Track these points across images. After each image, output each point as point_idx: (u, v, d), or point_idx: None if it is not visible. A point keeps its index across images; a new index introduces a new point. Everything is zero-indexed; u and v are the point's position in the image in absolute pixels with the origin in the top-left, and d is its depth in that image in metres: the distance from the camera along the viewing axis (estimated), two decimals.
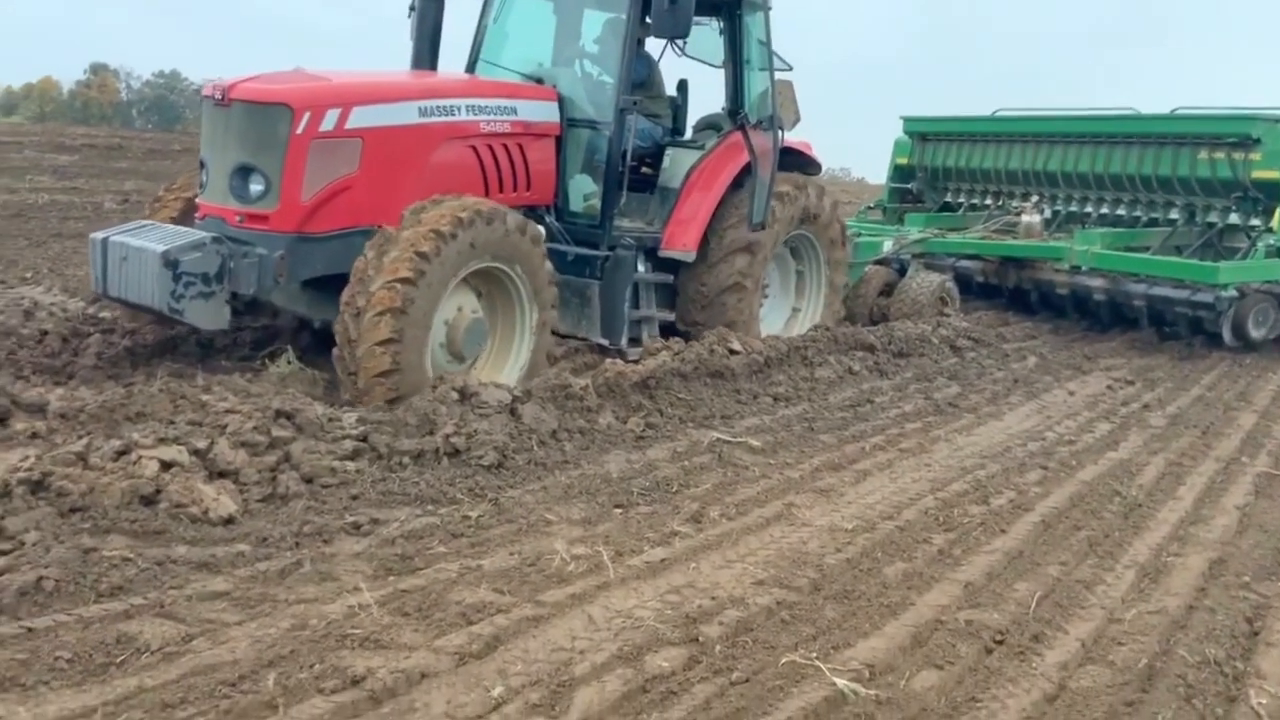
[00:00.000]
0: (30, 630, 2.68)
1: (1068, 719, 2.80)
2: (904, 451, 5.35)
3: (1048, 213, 10.34)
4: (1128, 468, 5.32)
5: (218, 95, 5.31)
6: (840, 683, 2.84)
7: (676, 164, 7.04)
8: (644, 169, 7.15)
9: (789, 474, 4.79)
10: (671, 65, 8.86)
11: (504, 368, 5.56)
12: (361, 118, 5.35)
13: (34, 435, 3.96)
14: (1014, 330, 9.17)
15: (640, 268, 6.63)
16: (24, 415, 4.18)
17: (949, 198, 11.46)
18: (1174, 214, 9.73)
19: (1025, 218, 9.97)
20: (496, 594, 3.19)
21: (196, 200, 5.59)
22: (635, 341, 6.55)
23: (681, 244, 6.76)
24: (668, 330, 6.85)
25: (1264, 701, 2.91)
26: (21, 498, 3.20)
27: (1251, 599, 3.67)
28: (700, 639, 3.03)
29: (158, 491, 3.40)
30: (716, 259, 6.79)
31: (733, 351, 6.38)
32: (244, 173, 5.25)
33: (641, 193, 7.04)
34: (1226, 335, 8.58)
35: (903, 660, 3.05)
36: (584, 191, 6.63)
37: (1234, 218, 9.38)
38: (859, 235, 9.26)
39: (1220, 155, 9.17)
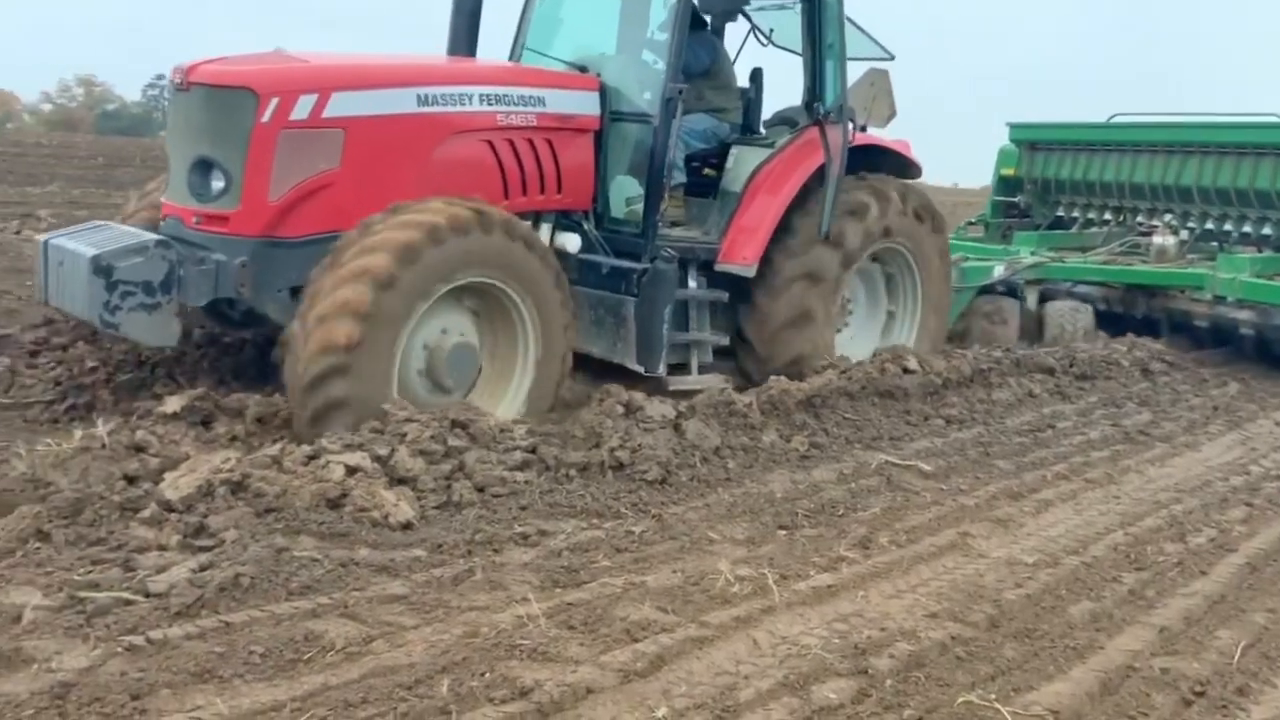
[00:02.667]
0: (228, 624, 2.85)
1: None
2: (1090, 482, 5.04)
3: (1183, 233, 9.19)
4: None
5: (178, 79, 4.75)
6: None
7: (741, 164, 6.12)
8: (706, 171, 6.38)
9: (963, 501, 4.59)
10: (758, 55, 7.38)
11: (501, 400, 4.85)
12: (343, 105, 4.68)
13: (234, 438, 4.24)
14: (1212, 353, 8.52)
15: (692, 283, 5.85)
16: (225, 419, 4.47)
17: (1061, 212, 10.33)
18: None
19: (1158, 239, 8.86)
20: (660, 612, 3.18)
21: (161, 200, 5.02)
22: (682, 368, 5.75)
23: (740, 257, 5.85)
24: (723, 355, 6.08)
25: None
26: (223, 497, 3.43)
27: None
28: (870, 671, 2.93)
29: (343, 495, 3.58)
30: (780, 281, 5.93)
31: (907, 370, 6.16)
32: (204, 167, 4.65)
33: (704, 198, 6.26)
34: None
35: (1091, 708, 2.85)
36: (627, 195, 5.86)
37: None
38: (966, 259, 8.40)
39: None
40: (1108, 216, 10.00)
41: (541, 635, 2.96)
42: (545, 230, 5.62)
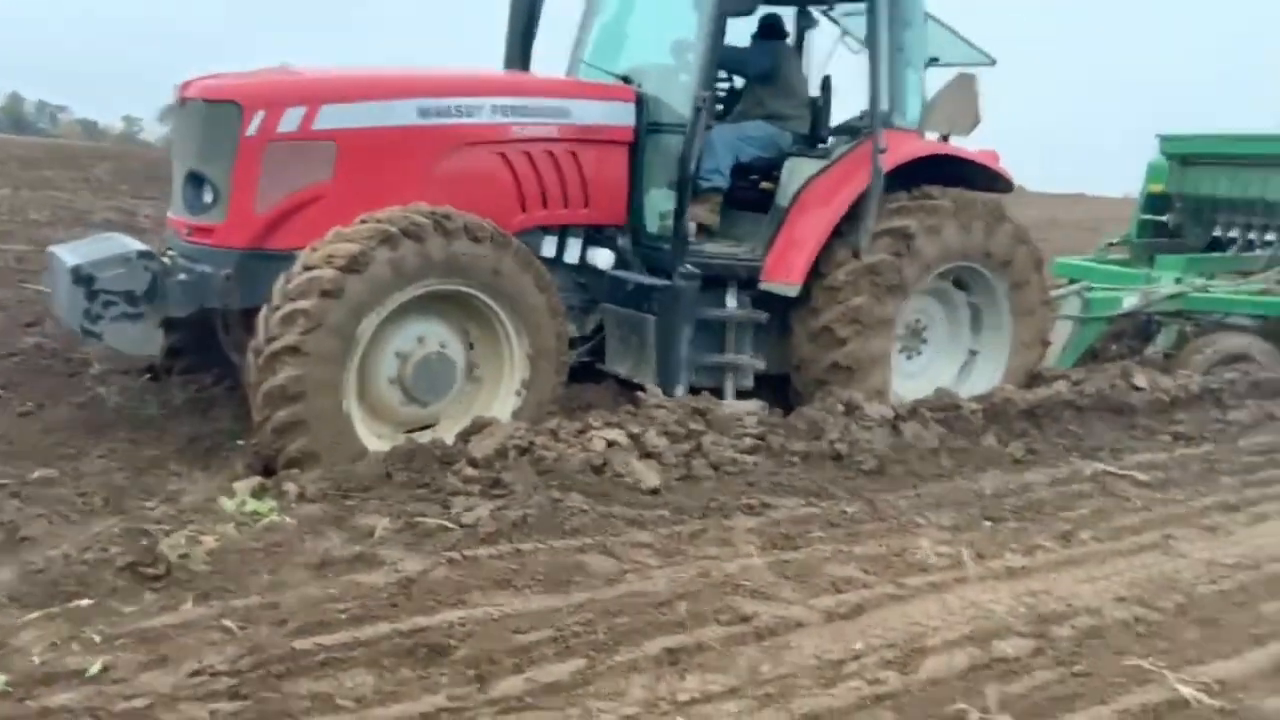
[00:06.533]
0: (519, 551, 3.67)
1: None
2: None
3: None
4: None
5: (177, 95, 5.03)
6: (1185, 690, 3.01)
7: (794, 176, 5.83)
8: (764, 184, 6.08)
9: (1174, 509, 4.77)
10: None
11: (488, 409, 4.82)
12: (334, 118, 4.75)
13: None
14: None
15: (731, 302, 5.64)
16: None
17: (1218, 233, 9.13)
18: None
19: None
20: (863, 573, 3.72)
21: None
22: (716, 393, 5.41)
23: (782, 275, 5.57)
24: (767, 382, 5.75)
25: None
26: (513, 458, 4.29)
27: None
28: (1049, 635, 3.33)
29: (604, 463, 4.35)
30: (822, 314, 5.60)
31: (1136, 388, 6.27)
32: (196, 181, 4.83)
33: (762, 212, 5.93)
34: None
35: (1260, 682, 3.12)
36: (662, 209, 5.69)
37: None
38: (1090, 287, 7.71)
39: None
40: (1270, 238, 8.76)
41: (761, 580, 3.59)
42: (575, 245, 5.61)
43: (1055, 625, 3.41)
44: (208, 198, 4.80)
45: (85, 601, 3.11)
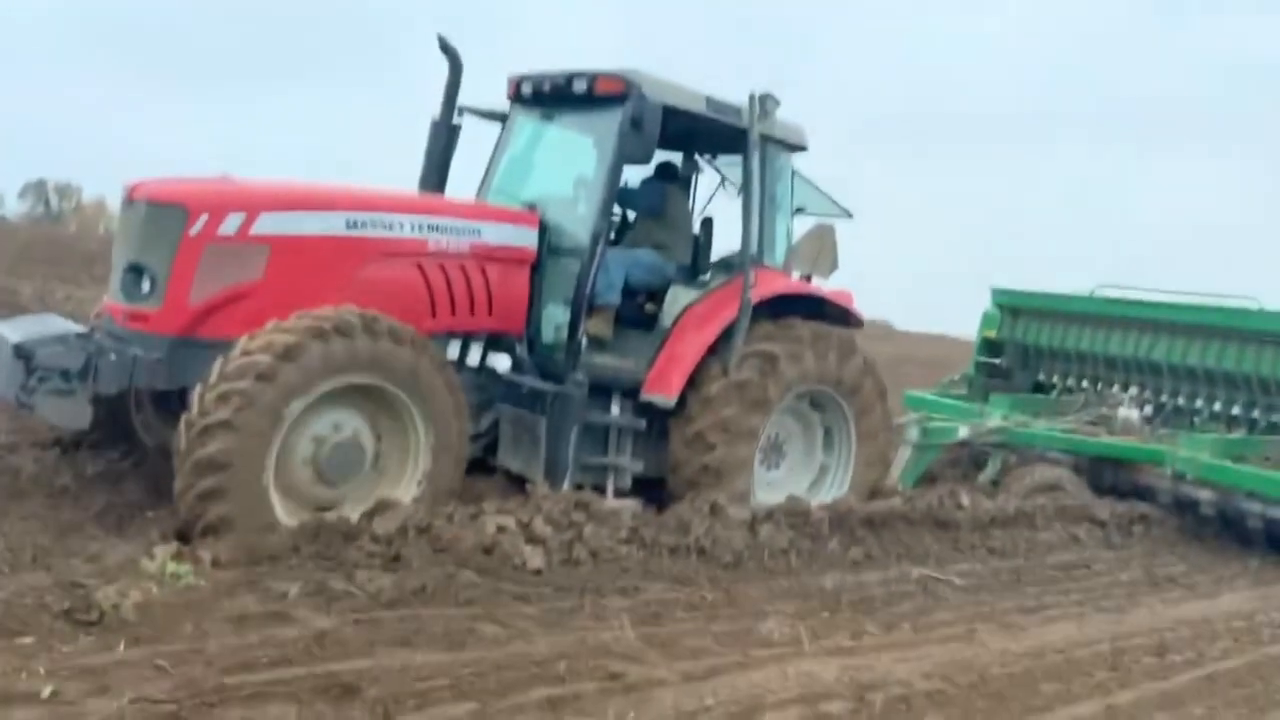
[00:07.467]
0: (418, 615, 4.16)
1: None
2: (1102, 609, 5.92)
3: (1149, 408, 9.35)
4: None
5: (125, 194, 5.51)
6: None
7: (676, 302, 6.72)
8: (648, 306, 6.88)
9: (982, 609, 5.57)
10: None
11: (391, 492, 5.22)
12: (270, 224, 5.27)
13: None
14: None
15: (615, 409, 6.30)
16: None
17: (1041, 377, 10.47)
18: None
19: (1122, 412, 9.13)
20: (717, 645, 4.34)
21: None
22: (598, 490, 5.99)
23: (662, 389, 6.29)
24: (646, 484, 6.36)
25: None
26: (413, 536, 4.78)
27: None
28: (865, 699, 4.01)
29: (495, 545, 4.88)
30: (696, 421, 6.28)
31: (960, 507, 7.17)
32: (136, 271, 5.26)
33: (647, 330, 6.71)
34: None
35: None
36: (557, 322, 6.38)
37: None
38: (929, 417, 8.93)
39: None
40: (1085, 385, 10.12)
41: (630, 647, 4.17)
42: (476, 350, 6.22)
43: (871, 692, 4.09)
44: (145, 287, 5.25)
45: (27, 640, 3.45)
